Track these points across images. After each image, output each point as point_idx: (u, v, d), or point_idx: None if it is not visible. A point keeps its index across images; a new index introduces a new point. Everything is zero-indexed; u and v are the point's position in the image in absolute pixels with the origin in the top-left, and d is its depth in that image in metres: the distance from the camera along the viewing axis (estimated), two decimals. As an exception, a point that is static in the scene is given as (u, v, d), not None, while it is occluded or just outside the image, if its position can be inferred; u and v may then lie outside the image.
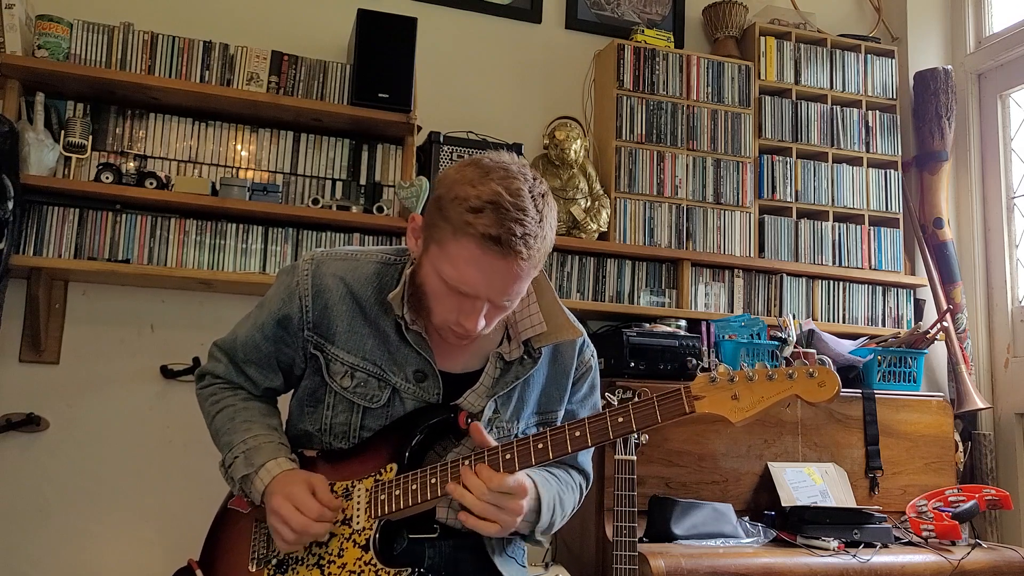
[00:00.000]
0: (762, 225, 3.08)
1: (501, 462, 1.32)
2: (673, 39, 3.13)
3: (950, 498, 2.60)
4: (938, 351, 3.18)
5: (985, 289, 3.31)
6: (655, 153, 2.98)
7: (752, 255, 3.04)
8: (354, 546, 1.36)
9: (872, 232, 3.20)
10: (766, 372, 1.28)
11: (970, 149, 3.38)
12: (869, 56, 3.31)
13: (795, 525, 2.41)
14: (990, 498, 2.57)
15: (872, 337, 3.06)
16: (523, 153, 2.88)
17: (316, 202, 2.59)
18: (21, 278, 2.43)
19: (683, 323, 2.85)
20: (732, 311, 2.99)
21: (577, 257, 2.88)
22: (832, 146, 3.20)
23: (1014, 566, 2.48)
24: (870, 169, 3.24)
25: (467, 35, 3.05)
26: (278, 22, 2.84)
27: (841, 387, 1.28)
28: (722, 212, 3.03)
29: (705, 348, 2.76)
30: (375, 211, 2.62)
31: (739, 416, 1.27)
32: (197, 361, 2.58)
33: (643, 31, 3.10)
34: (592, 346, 1.60)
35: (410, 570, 1.34)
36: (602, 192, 2.90)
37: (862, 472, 2.71)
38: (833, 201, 3.18)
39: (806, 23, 3.29)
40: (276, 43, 2.69)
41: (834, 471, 2.65)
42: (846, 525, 2.41)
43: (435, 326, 1.39)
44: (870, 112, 3.27)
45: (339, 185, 2.71)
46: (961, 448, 2.94)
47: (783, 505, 2.50)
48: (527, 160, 2.88)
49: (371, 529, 1.36)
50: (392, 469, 1.39)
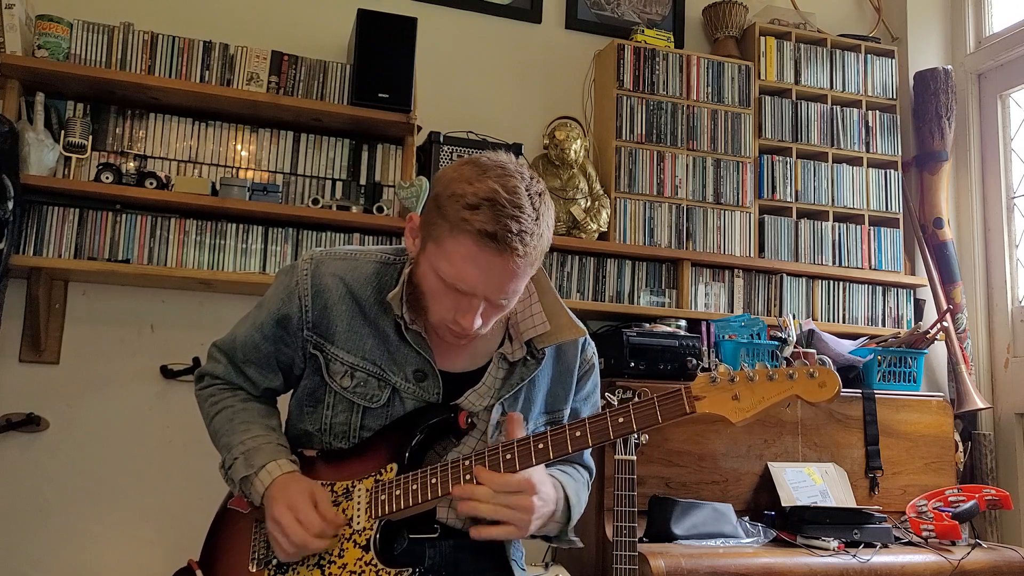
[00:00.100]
0: (762, 225, 3.08)
1: (501, 462, 1.32)
2: (673, 39, 3.13)
3: (950, 498, 2.60)
4: (938, 351, 3.18)
5: (985, 289, 3.31)
6: (655, 153, 2.98)
7: (752, 255, 3.04)
8: (354, 546, 1.36)
9: (872, 232, 3.20)
10: (766, 372, 1.28)
11: (970, 149, 3.38)
12: (869, 56, 3.30)
13: (795, 525, 2.41)
14: (990, 498, 2.57)
15: (872, 337, 3.06)
16: (523, 153, 2.88)
17: (316, 202, 2.59)
18: (21, 278, 2.43)
19: (683, 323, 2.85)
20: (732, 311, 2.99)
21: (577, 257, 2.87)
22: (832, 146, 3.20)
23: (1014, 566, 2.48)
24: (870, 169, 3.24)
25: (467, 35, 3.05)
26: (278, 22, 2.84)
27: (841, 387, 1.28)
28: (722, 212, 3.03)
29: (705, 348, 2.76)
30: (375, 211, 2.62)
31: (739, 416, 1.27)
32: (197, 361, 2.58)
33: (643, 31, 3.09)
34: (593, 344, 1.61)
35: (411, 570, 1.34)
36: (602, 192, 2.90)
37: (862, 472, 2.71)
38: (833, 201, 3.18)
39: (806, 23, 3.29)
40: (276, 43, 2.69)
41: (834, 471, 2.65)
42: (846, 525, 2.41)
43: (432, 325, 1.39)
44: (870, 112, 3.26)
45: (339, 185, 2.71)
46: (961, 448, 2.94)
47: (783, 505, 2.50)
48: (527, 160, 2.88)
49: (371, 529, 1.36)
50: (392, 469, 1.38)
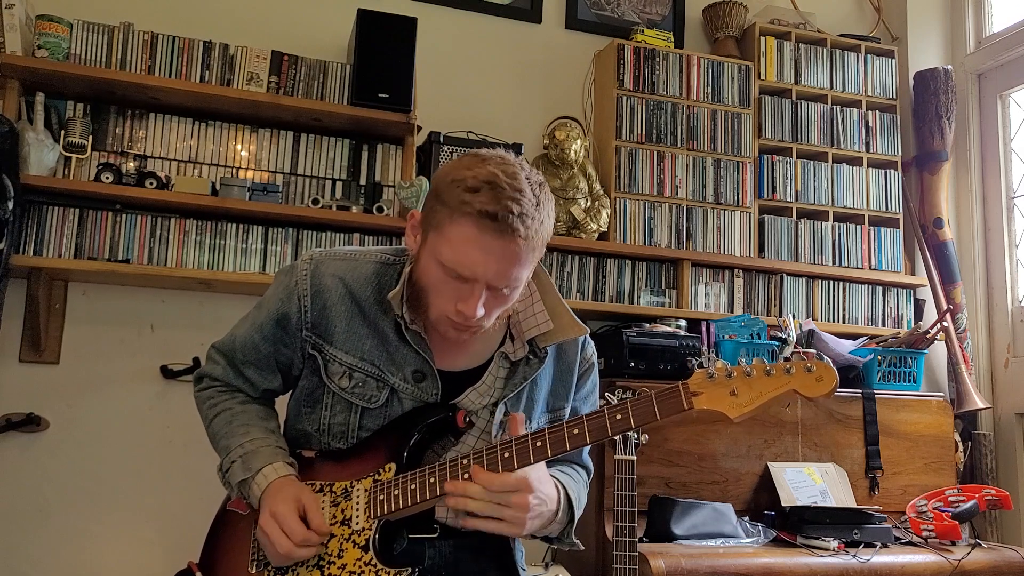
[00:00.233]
0: (762, 225, 3.08)
1: (500, 461, 1.31)
2: (673, 39, 3.13)
3: (950, 498, 2.60)
4: (938, 351, 3.17)
5: (985, 289, 3.30)
6: (655, 153, 2.98)
7: (752, 255, 3.04)
8: (354, 546, 1.35)
9: (872, 232, 3.19)
10: (764, 367, 1.28)
11: (970, 149, 3.38)
12: (869, 56, 3.30)
13: (795, 525, 2.41)
14: (990, 498, 2.57)
15: (872, 337, 3.06)
16: (523, 153, 2.88)
17: (316, 202, 2.59)
18: (21, 278, 2.43)
19: (683, 323, 2.85)
20: (732, 311, 2.98)
21: (577, 257, 2.87)
22: (832, 146, 3.20)
23: (1014, 566, 2.48)
24: (870, 169, 3.24)
25: (467, 35, 3.05)
26: (278, 22, 2.84)
27: (839, 381, 1.28)
28: (722, 212, 3.03)
29: (705, 348, 2.75)
30: (375, 211, 2.62)
31: (737, 412, 1.27)
32: (197, 361, 2.58)
33: (643, 31, 3.10)
34: (592, 343, 1.61)
35: (410, 570, 1.34)
36: (602, 192, 2.90)
37: (862, 472, 2.71)
38: (833, 201, 3.18)
39: (806, 23, 3.29)
40: (276, 43, 2.69)
41: (834, 471, 2.64)
42: (846, 525, 2.41)
43: (433, 321, 1.38)
44: (870, 112, 3.26)
45: (339, 185, 2.71)
46: (961, 448, 2.94)
47: (783, 505, 2.50)
48: (527, 160, 2.88)
49: (371, 529, 1.35)
50: (391, 469, 1.38)
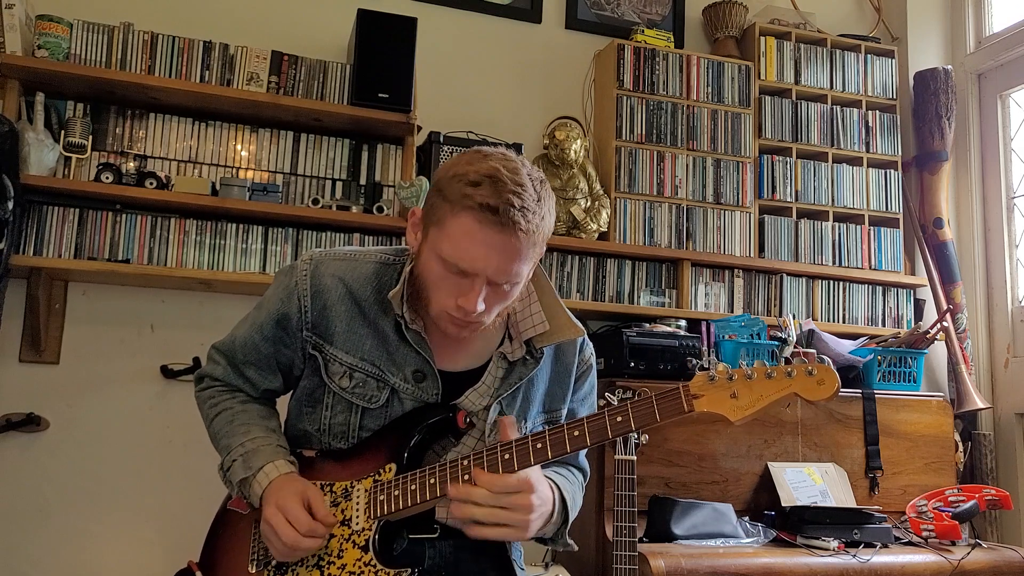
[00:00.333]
0: (762, 225, 3.08)
1: (500, 462, 1.31)
2: (673, 39, 3.13)
3: (950, 498, 2.60)
4: (938, 351, 3.17)
5: (985, 289, 3.30)
6: (655, 153, 2.98)
7: (752, 255, 3.04)
8: (354, 547, 1.35)
9: (872, 232, 3.19)
10: (765, 370, 1.28)
11: (970, 149, 3.38)
12: (869, 56, 3.30)
13: (795, 525, 2.41)
14: (990, 498, 2.57)
15: (872, 337, 3.06)
16: (523, 153, 2.87)
17: (316, 202, 2.59)
18: (21, 278, 2.43)
19: (683, 323, 2.85)
20: (732, 311, 2.98)
21: (577, 257, 2.87)
22: (832, 146, 3.20)
23: (1014, 566, 2.48)
24: (870, 169, 3.24)
25: (467, 35, 3.05)
26: (278, 22, 2.84)
27: (840, 385, 1.27)
28: (722, 212, 3.03)
29: (705, 348, 2.75)
30: (375, 211, 2.62)
31: (738, 415, 1.27)
32: (197, 361, 2.58)
33: (643, 31, 3.09)
34: (591, 345, 1.61)
35: (410, 570, 1.34)
36: (602, 192, 2.90)
37: (862, 472, 2.71)
38: (833, 201, 3.17)
39: (806, 23, 3.29)
40: (276, 43, 2.69)
41: (834, 471, 2.64)
42: (846, 525, 2.41)
43: (434, 317, 1.37)
44: (870, 112, 3.26)
45: (339, 185, 2.71)
46: (961, 448, 2.94)
47: (783, 505, 2.50)
48: (527, 160, 2.88)
49: (371, 530, 1.35)
50: (391, 469, 1.38)
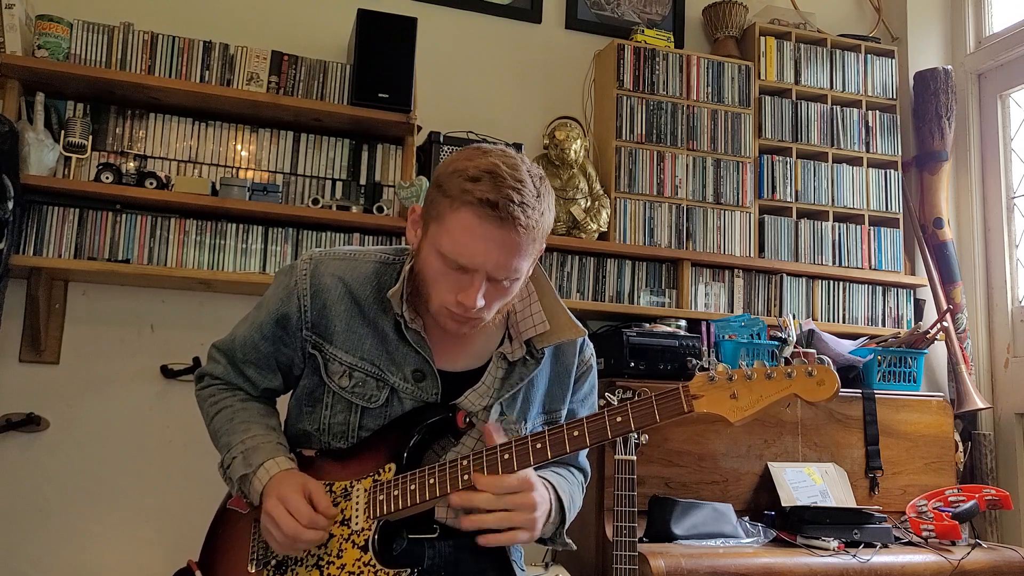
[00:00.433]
0: (762, 225, 3.08)
1: (500, 463, 1.31)
2: (673, 39, 3.13)
3: (950, 498, 2.60)
4: (938, 351, 3.17)
5: (985, 289, 3.30)
6: (655, 153, 2.98)
7: (752, 255, 3.04)
8: (353, 547, 1.35)
9: (872, 232, 3.19)
10: (765, 371, 1.28)
11: (970, 149, 3.38)
12: (869, 56, 3.30)
13: (795, 525, 2.41)
14: (990, 498, 2.57)
15: (872, 337, 3.06)
16: (523, 153, 2.88)
17: (316, 202, 2.59)
18: (21, 278, 2.43)
19: (683, 323, 2.85)
20: (732, 311, 2.98)
21: (577, 257, 2.87)
22: (832, 146, 3.20)
23: (1014, 566, 2.48)
24: (870, 169, 3.24)
25: (467, 35, 3.05)
26: (278, 22, 2.84)
27: (840, 386, 1.27)
28: (722, 212, 3.03)
29: (705, 348, 2.75)
30: (375, 211, 2.62)
31: (738, 415, 1.27)
32: (197, 361, 2.58)
33: (643, 31, 3.09)
34: (591, 345, 1.61)
35: (409, 570, 1.34)
36: (602, 192, 2.90)
37: (862, 472, 2.71)
38: (833, 201, 3.17)
39: (806, 23, 3.29)
40: (276, 43, 2.69)
41: (834, 471, 2.64)
42: (846, 525, 2.41)
43: (433, 313, 1.38)
44: (870, 112, 3.26)
45: (339, 185, 2.71)
46: (961, 448, 2.94)
47: (783, 505, 2.50)
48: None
49: (370, 530, 1.35)
50: (391, 469, 1.38)
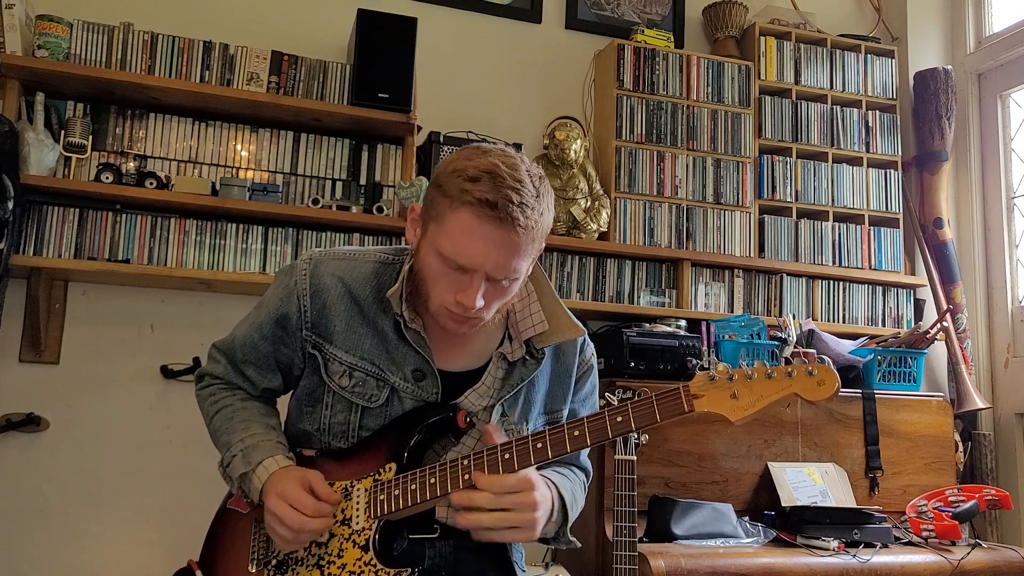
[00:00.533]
0: (762, 225, 3.08)
1: (500, 462, 1.31)
2: (673, 39, 3.13)
3: (950, 498, 2.60)
4: (938, 351, 3.17)
5: (985, 289, 3.30)
6: (655, 153, 2.98)
7: (752, 255, 3.04)
8: (354, 546, 1.35)
9: (872, 232, 3.19)
10: (765, 370, 1.28)
11: (970, 149, 3.38)
12: (869, 56, 3.30)
13: (795, 525, 2.41)
14: (990, 498, 2.57)
15: (872, 337, 3.06)
16: (523, 153, 2.88)
17: (316, 202, 2.59)
18: (21, 278, 2.43)
19: (683, 323, 2.85)
20: (732, 311, 2.98)
21: (577, 257, 2.87)
22: (832, 146, 3.20)
23: (1014, 566, 2.48)
24: (870, 169, 3.24)
25: (467, 35, 3.05)
26: (278, 22, 2.84)
27: (841, 385, 1.27)
28: (722, 212, 3.03)
29: (705, 348, 2.75)
30: (375, 211, 2.62)
31: (738, 415, 1.27)
32: (197, 361, 2.58)
33: (643, 31, 3.09)
34: (592, 345, 1.61)
35: (410, 570, 1.34)
36: (602, 192, 2.90)
37: (862, 472, 2.71)
38: (833, 201, 3.17)
39: (806, 23, 3.29)
40: (276, 43, 2.69)
41: (834, 471, 2.64)
42: (846, 525, 2.41)
43: (433, 312, 1.38)
44: (870, 112, 3.26)
45: (339, 185, 2.71)
46: (961, 448, 2.94)
47: (783, 505, 2.50)
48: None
49: (371, 529, 1.35)
50: (391, 469, 1.38)
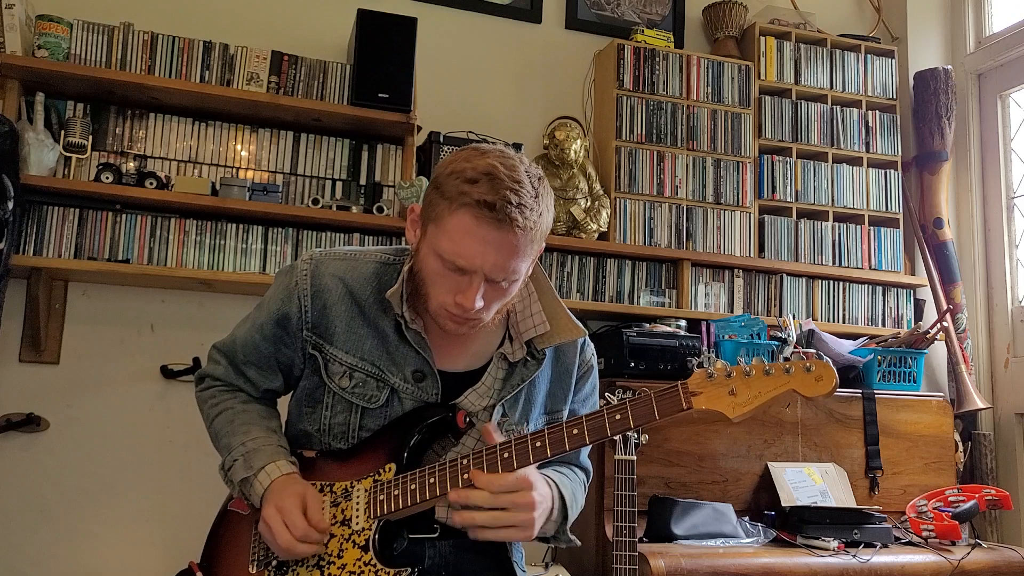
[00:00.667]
0: (762, 225, 3.08)
1: (500, 461, 1.32)
2: (673, 39, 3.13)
3: (950, 498, 2.60)
4: (938, 351, 3.17)
5: (985, 289, 3.30)
6: (655, 153, 2.98)
7: (752, 255, 3.04)
8: (354, 546, 1.35)
9: (872, 232, 3.19)
10: (763, 367, 1.28)
11: (970, 149, 3.38)
12: (869, 56, 3.30)
13: (795, 525, 2.41)
14: (990, 498, 2.57)
15: (872, 337, 3.05)
16: (523, 153, 2.88)
17: (316, 202, 2.59)
18: (21, 278, 2.43)
19: (683, 323, 2.85)
20: (732, 311, 2.98)
21: (577, 257, 2.87)
22: (832, 146, 3.20)
23: (1014, 566, 2.48)
24: (870, 169, 3.23)
25: (467, 35, 3.05)
26: (278, 22, 2.84)
27: (838, 381, 1.27)
28: (722, 212, 3.03)
29: (705, 348, 2.75)
30: (375, 211, 2.62)
31: (737, 412, 1.27)
32: (197, 361, 2.58)
33: (643, 31, 3.09)
34: (592, 345, 1.61)
35: (410, 570, 1.34)
36: (602, 192, 2.90)
37: (862, 472, 2.71)
38: (833, 201, 3.17)
39: (806, 23, 3.29)
40: (276, 43, 2.69)
41: (834, 471, 2.64)
42: (846, 525, 2.41)
43: (432, 313, 1.38)
44: (870, 112, 3.26)
45: (339, 185, 2.71)
46: (961, 448, 2.94)
47: (783, 505, 2.50)
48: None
49: (371, 529, 1.35)
50: (391, 469, 1.38)
